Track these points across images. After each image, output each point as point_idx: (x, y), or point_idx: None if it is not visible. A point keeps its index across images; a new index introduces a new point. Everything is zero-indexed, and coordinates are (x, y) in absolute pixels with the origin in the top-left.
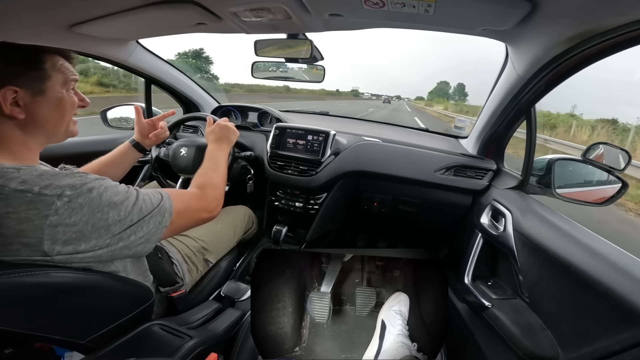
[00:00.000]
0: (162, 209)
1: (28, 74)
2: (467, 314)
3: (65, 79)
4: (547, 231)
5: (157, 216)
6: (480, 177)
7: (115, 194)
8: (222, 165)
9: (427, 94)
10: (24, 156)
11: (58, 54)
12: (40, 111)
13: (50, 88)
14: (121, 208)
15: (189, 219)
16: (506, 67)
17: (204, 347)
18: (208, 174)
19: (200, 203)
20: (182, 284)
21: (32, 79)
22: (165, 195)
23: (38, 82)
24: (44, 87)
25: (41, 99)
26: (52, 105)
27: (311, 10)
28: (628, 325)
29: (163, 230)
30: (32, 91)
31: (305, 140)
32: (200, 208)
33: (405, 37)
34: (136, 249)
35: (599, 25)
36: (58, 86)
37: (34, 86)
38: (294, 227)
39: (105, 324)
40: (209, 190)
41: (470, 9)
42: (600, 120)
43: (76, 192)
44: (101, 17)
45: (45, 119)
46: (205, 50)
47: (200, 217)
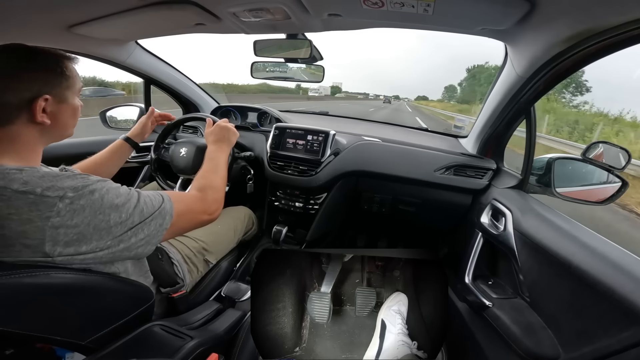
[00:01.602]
0: (163, 211)
1: (58, 81)
2: (467, 313)
3: (79, 87)
4: (547, 230)
5: (158, 218)
6: (480, 176)
7: (116, 196)
8: (222, 167)
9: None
10: (28, 157)
11: (69, 59)
12: (62, 118)
13: (71, 95)
14: (122, 210)
15: (190, 222)
16: (505, 67)
17: (205, 347)
18: (208, 176)
19: (200, 206)
20: (183, 285)
21: (60, 87)
22: (166, 197)
23: (65, 89)
24: (67, 94)
25: (64, 107)
26: (71, 111)
27: (310, 10)
28: (628, 325)
29: (164, 233)
30: (59, 98)
31: (305, 141)
32: (201, 210)
33: (401, 36)
34: (137, 250)
35: (597, 25)
36: (75, 93)
37: (61, 93)
38: (294, 227)
39: (106, 325)
40: (210, 192)
41: (469, 8)
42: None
43: (78, 193)
44: (100, 18)
45: (64, 125)
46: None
47: (201, 219)
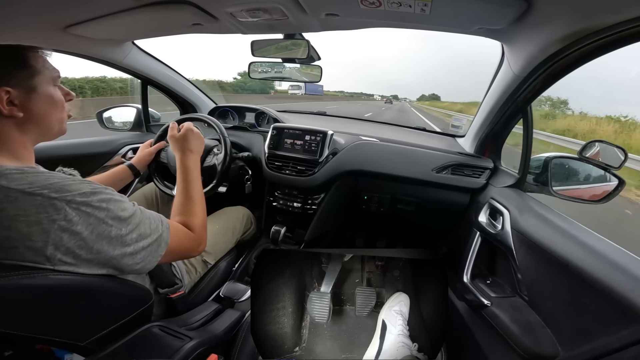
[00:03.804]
0: (160, 239)
1: (18, 72)
2: (466, 312)
3: (52, 75)
4: (544, 229)
5: (154, 245)
6: (477, 175)
7: (122, 210)
8: (196, 186)
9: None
10: (22, 155)
11: (31, 49)
12: (35, 108)
13: (40, 84)
14: (124, 224)
15: (179, 256)
16: (502, 66)
17: (204, 348)
18: (188, 208)
19: (191, 244)
20: (181, 285)
21: (23, 77)
22: (166, 226)
23: (29, 79)
24: (34, 83)
25: (35, 96)
26: (45, 100)
27: (307, 10)
28: (627, 323)
29: (158, 259)
30: (25, 89)
31: (303, 141)
32: (191, 249)
33: (400, 35)
34: (130, 269)
35: (594, 24)
36: (47, 82)
37: (26, 84)
38: (292, 227)
39: (104, 326)
40: (197, 229)
41: (466, 8)
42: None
43: (86, 199)
44: (96, 18)
45: (41, 116)
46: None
47: (189, 255)
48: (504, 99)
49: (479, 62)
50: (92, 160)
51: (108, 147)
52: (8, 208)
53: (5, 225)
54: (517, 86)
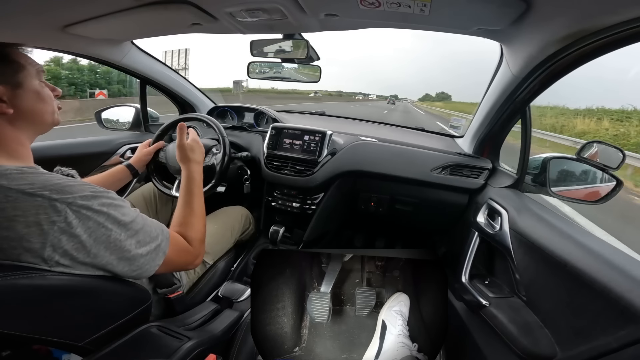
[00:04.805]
0: (158, 248)
1: (3, 69)
2: (464, 312)
3: (36, 70)
4: (542, 229)
5: (152, 254)
6: (476, 176)
7: (122, 215)
8: (200, 199)
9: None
10: (20, 154)
11: (11, 46)
12: (24, 103)
13: (26, 80)
14: (123, 230)
15: (175, 267)
16: (501, 67)
17: (203, 348)
18: (189, 220)
19: (188, 257)
20: (180, 285)
21: (7, 74)
22: (166, 235)
23: (14, 75)
24: (20, 79)
25: (21, 92)
26: (32, 95)
27: (307, 10)
28: (624, 323)
29: (155, 268)
30: (11, 85)
31: (302, 141)
32: (188, 262)
33: (399, 35)
34: (127, 275)
35: (593, 25)
36: (32, 77)
37: (11, 80)
38: (291, 227)
39: (103, 326)
40: (196, 243)
41: (465, 8)
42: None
43: (87, 202)
44: (95, 18)
45: (31, 110)
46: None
47: (185, 267)
48: (503, 100)
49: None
50: (90, 159)
51: (106, 147)
52: (7, 208)
53: (3, 225)
54: (516, 87)
